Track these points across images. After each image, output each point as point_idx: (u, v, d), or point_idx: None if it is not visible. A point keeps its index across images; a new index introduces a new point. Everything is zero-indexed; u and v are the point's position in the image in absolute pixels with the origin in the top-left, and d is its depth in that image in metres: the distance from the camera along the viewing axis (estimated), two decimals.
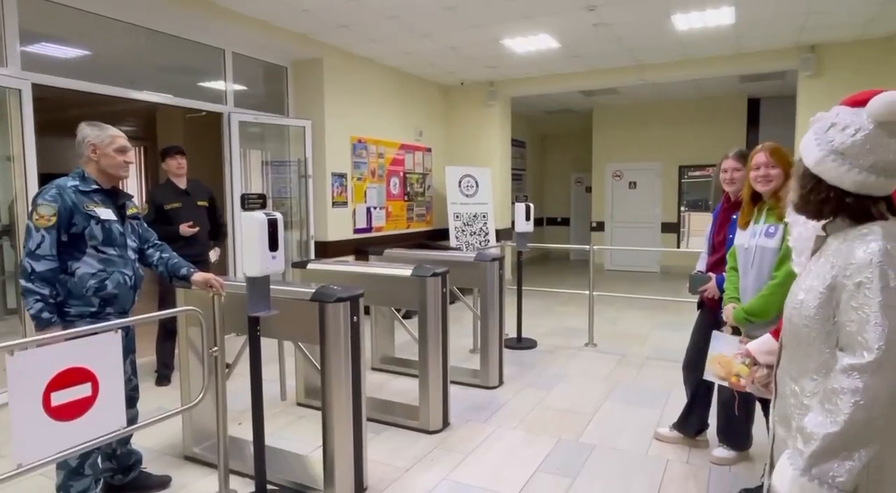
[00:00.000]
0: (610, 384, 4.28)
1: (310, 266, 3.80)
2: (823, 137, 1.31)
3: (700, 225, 18.99)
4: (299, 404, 3.82)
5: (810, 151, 1.32)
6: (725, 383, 2.46)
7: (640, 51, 6.50)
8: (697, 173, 11.58)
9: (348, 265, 3.96)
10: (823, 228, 1.39)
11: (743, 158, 2.92)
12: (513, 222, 8.86)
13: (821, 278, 1.29)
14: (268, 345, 2.60)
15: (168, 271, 2.69)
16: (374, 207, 7.01)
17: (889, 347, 1.16)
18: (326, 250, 6.22)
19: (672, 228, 10.26)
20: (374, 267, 3.76)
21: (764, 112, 9.52)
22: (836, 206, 1.29)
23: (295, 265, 3.89)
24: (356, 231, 6.71)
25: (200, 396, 2.50)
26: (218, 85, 5.57)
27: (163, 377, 4.27)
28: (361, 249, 6.52)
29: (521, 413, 3.74)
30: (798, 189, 1.36)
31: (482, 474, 2.94)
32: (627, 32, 5.79)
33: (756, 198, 2.59)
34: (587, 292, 5.49)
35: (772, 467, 1.48)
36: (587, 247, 5.68)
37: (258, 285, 2.40)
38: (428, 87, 8.06)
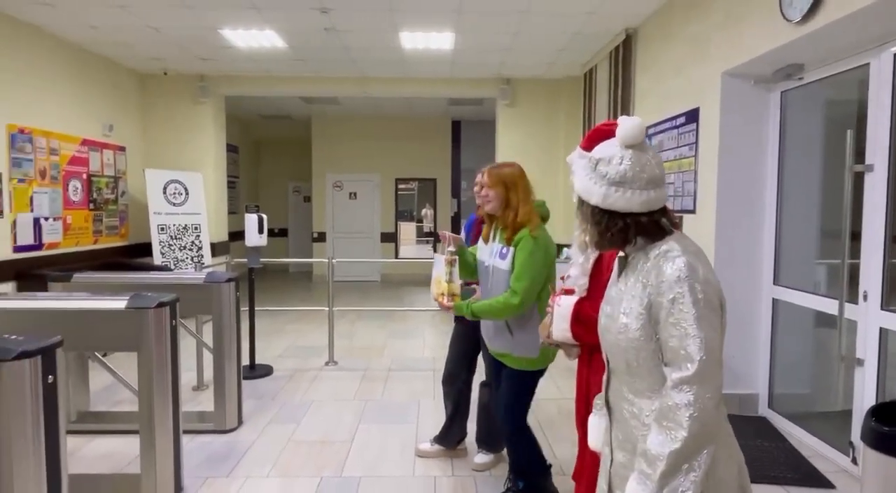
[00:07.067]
0: (360, 404, 4.09)
1: None
2: (595, 175, 1.36)
3: (409, 235, 20.51)
4: None
5: (591, 190, 1.36)
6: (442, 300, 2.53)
7: (366, 63, 6.53)
8: (403, 187, 12.41)
9: (11, 299, 2.87)
10: (623, 250, 1.43)
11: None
12: (230, 235, 8.08)
13: (637, 299, 1.33)
14: None
15: None
16: (47, 218, 5.45)
17: (708, 356, 1.22)
18: None
19: (390, 237, 10.70)
20: (62, 300, 2.80)
21: (465, 133, 10.67)
22: (635, 229, 1.35)
23: None
24: (18, 249, 5.09)
25: None
26: None
27: None
28: (27, 272, 4.98)
29: (272, 455, 3.26)
30: (593, 228, 1.39)
31: None
32: (356, 42, 5.72)
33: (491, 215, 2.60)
34: (324, 308, 5.22)
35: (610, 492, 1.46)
36: (325, 260, 5.40)
37: None
38: (120, 72, 6.69)
